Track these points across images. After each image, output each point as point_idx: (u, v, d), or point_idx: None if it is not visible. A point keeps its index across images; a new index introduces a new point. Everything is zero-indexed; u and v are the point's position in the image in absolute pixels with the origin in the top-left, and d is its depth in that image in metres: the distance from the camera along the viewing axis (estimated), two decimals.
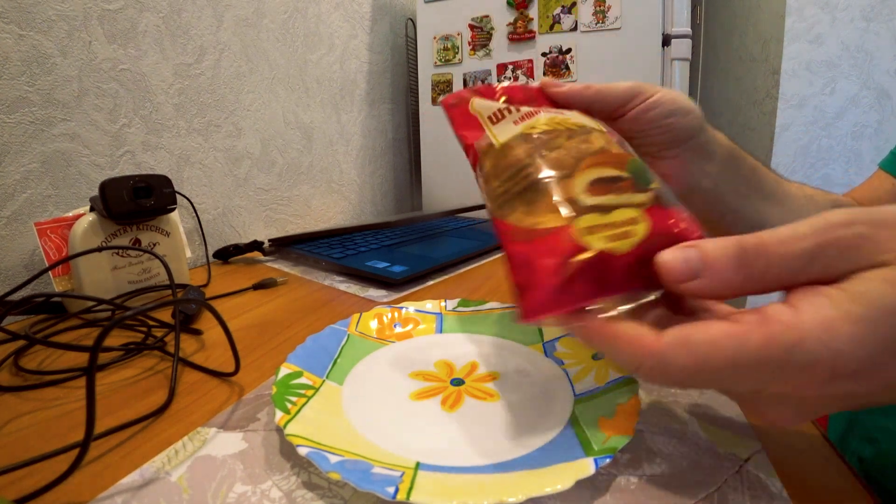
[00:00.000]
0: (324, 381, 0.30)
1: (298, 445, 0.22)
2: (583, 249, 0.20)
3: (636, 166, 0.24)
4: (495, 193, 0.25)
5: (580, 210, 0.21)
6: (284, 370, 0.29)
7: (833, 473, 0.22)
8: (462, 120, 0.29)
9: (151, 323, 0.42)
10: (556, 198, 0.22)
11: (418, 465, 0.22)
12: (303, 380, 0.29)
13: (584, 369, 0.30)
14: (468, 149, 0.28)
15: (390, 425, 0.26)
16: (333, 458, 0.21)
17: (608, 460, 0.20)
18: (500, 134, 0.27)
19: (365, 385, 0.31)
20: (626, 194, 0.22)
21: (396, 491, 0.19)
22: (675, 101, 0.31)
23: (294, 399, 0.27)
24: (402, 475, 0.21)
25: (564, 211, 0.21)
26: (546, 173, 0.23)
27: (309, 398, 0.28)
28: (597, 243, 0.20)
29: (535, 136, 0.26)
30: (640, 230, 0.21)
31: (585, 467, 0.20)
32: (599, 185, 0.22)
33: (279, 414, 0.25)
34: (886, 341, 0.15)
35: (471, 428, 0.26)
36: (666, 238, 0.21)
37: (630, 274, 0.20)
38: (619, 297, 0.21)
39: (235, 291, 0.54)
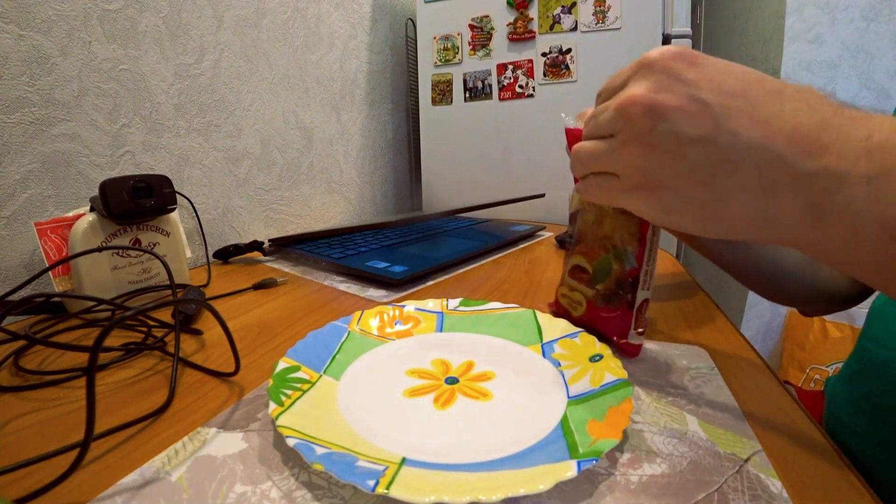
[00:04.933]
0: (321, 375, 0.30)
1: (288, 436, 0.22)
2: (558, 302, 0.41)
3: (601, 264, 0.36)
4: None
5: (563, 282, 0.40)
6: (283, 364, 0.30)
7: (833, 473, 0.22)
8: None
9: (151, 323, 0.42)
10: (565, 270, 0.40)
11: (403, 461, 0.22)
12: (300, 374, 0.30)
13: (580, 371, 0.30)
14: None
15: (381, 421, 0.26)
16: (320, 450, 0.21)
17: (592, 463, 0.20)
18: None
19: (361, 381, 0.31)
20: (583, 285, 0.37)
21: (376, 484, 0.19)
22: None
23: (289, 392, 0.27)
24: (385, 469, 0.21)
25: (560, 283, 0.41)
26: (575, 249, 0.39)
27: (304, 392, 0.28)
28: (563, 302, 0.40)
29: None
30: (579, 311, 0.38)
31: (567, 469, 0.20)
32: (577, 271, 0.38)
33: (273, 406, 0.25)
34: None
35: (460, 426, 0.26)
36: (590, 327, 0.37)
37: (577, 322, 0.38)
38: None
39: (235, 291, 0.54)
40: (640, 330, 0.34)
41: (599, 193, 0.28)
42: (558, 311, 0.40)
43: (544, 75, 0.99)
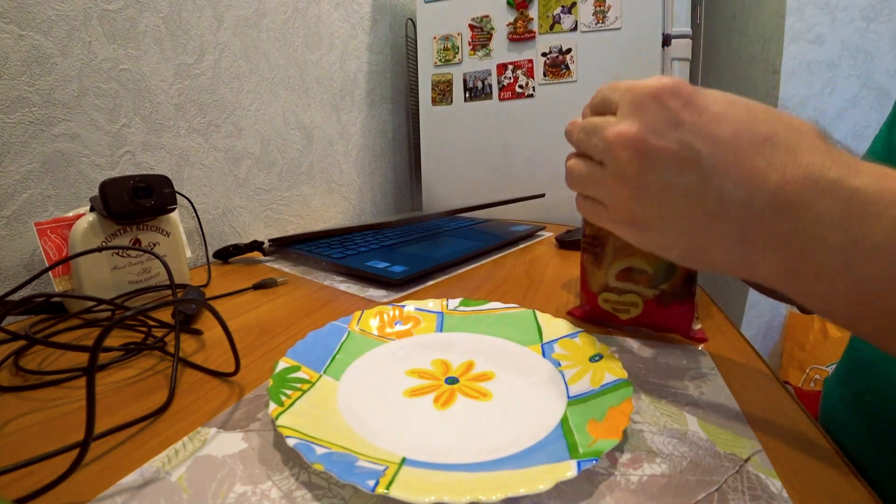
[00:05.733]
0: (321, 375, 0.30)
1: (287, 437, 0.22)
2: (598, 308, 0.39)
3: (662, 265, 0.35)
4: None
5: (607, 288, 0.38)
6: (283, 364, 0.30)
7: (833, 473, 0.22)
8: None
9: (151, 323, 0.42)
10: (601, 271, 0.38)
11: (403, 461, 0.22)
12: (300, 374, 0.30)
13: (580, 371, 0.30)
14: None
15: (381, 421, 0.26)
16: (320, 450, 0.22)
17: (592, 463, 0.20)
18: None
19: (361, 381, 0.31)
20: (641, 286, 0.36)
21: (376, 484, 0.19)
22: None
23: (289, 392, 0.27)
24: (385, 469, 0.21)
25: (598, 288, 0.39)
26: (607, 250, 0.37)
27: (304, 392, 0.28)
28: (605, 307, 0.39)
29: None
30: (634, 311, 0.37)
31: (567, 469, 0.20)
32: (630, 273, 0.36)
33: (273, 406, 0.25)
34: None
35: (460, 426, 0.26)
36: (650, 324, 0.37)
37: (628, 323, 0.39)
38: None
39: (235, 291, 0.54)
40: (696, 315, 0.36)
41: (591, 216, 0.28)
42: (593, 317, 0.40)
43: (544, 75, 0.99)
